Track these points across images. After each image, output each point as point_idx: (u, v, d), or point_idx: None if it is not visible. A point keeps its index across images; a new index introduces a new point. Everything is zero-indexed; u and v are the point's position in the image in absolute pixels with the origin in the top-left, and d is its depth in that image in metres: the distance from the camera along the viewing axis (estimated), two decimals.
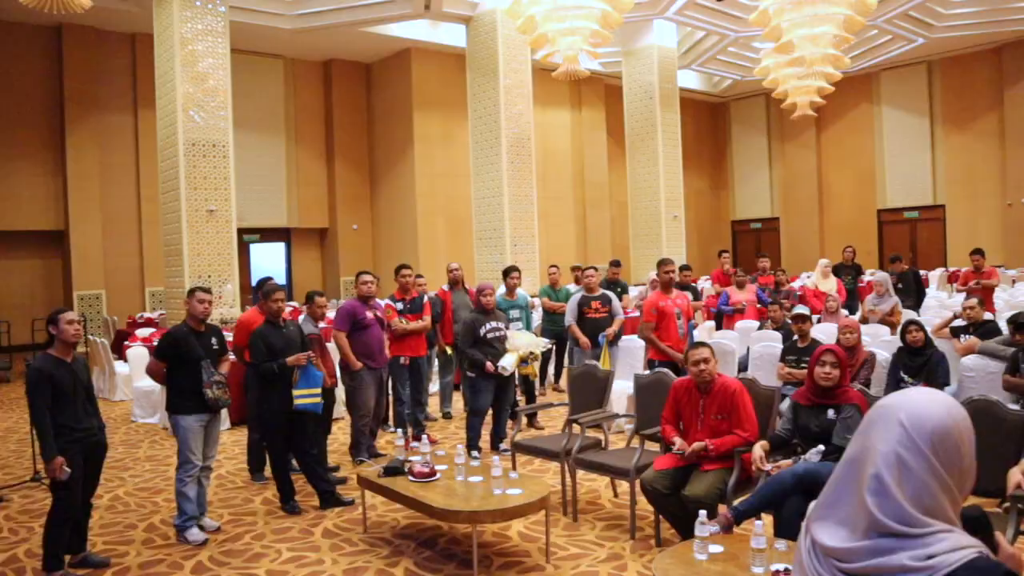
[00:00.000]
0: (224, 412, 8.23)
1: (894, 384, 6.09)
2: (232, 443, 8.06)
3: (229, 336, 6.68)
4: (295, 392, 5.71)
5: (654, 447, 5.26)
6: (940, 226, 22.89)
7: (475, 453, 6.26)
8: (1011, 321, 6.06)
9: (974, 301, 7.02)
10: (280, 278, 19.08)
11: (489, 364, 6.86)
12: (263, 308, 6.01)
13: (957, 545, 1.31)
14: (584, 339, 8.06)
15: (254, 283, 12.99)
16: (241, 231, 16.18)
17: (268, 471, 6.39)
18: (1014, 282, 15.07)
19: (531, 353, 7.15)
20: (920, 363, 6.06)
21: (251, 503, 6.12)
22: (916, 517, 1.33)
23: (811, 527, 1.46)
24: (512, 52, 14.96)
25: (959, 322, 7.13)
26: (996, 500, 4.01)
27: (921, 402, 1.40)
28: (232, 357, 6.53)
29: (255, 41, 16.87)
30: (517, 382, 7.96)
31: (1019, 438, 3.99)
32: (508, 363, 6.94)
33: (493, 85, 14.92)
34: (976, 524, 1.54)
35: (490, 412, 7.21)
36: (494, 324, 7.08)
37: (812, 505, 1.50)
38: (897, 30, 19.51)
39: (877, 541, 1.34)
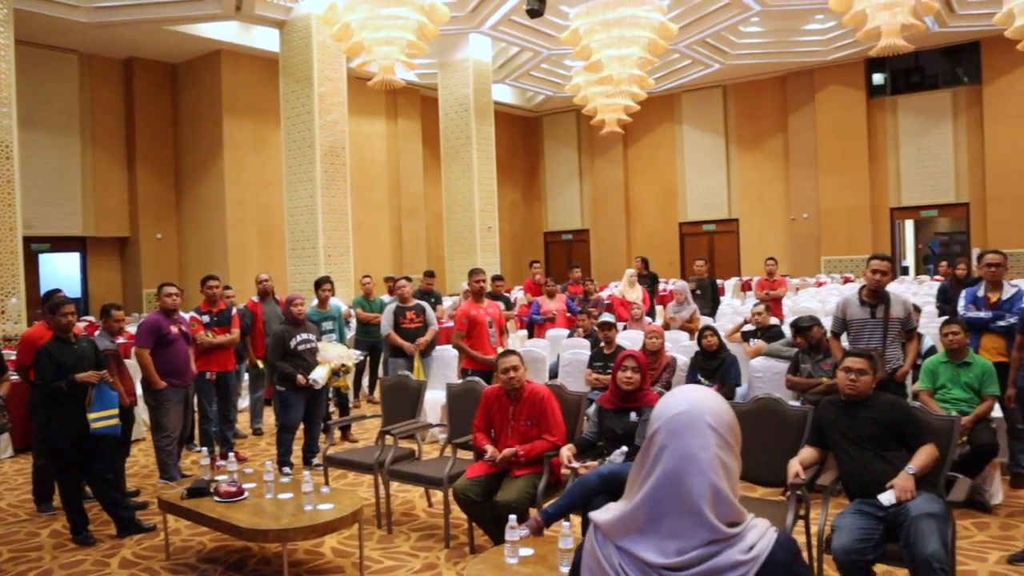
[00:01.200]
0: (6, 438, 7.58)
1: None
2: (15, 472, 7.39)
3: (12, 355, 6.14)
4: (90, 416, 5.29)
5: (467, 455, 5.31)
6: (735, 238, 24.67)
7: (286, 470, 6.09)
8: (793, 325, 6.61)
9: (761, 307, 7.62)
10: (74, 291, 17.73)
11: (300, 377, 6.70)
12: (50, 323, 5.58)
13: (764, 528, 1.42)
14: (407, 343, 7.98)
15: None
16: (29, 240, 14.89)
17: (57, 500, 5.91)
18: (797, 290, 16.41)
19: (343, 365, 7.04)
20: (715, 366, 6.48)
21: (36, 537, 5.62)
22: (740, 512, 1.42)
23: (622, 544, 1.46)
24: (327, 59, 14.70)
25: (749, 327, 7.69)
26: (780, 489, 4.33)
27: (713, 401, 1.48)
28: (15, 377, 6.02)
29: (46, 33, 15.62)
30: (331, 395, 7.82)
31: (799, 432, 4.33)
32: (319, 376, 6.80)
33: (307, 92, 14.60)
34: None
35: (302, 427, 7.04)
36: (305, 336, 6.93)
37: (611, 520, 1.49)
38: (696, 55, 20.88)
39: (709, 548, 1.39)
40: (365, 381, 10.06)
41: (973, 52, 21.24)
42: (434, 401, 7.50)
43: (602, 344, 7.08)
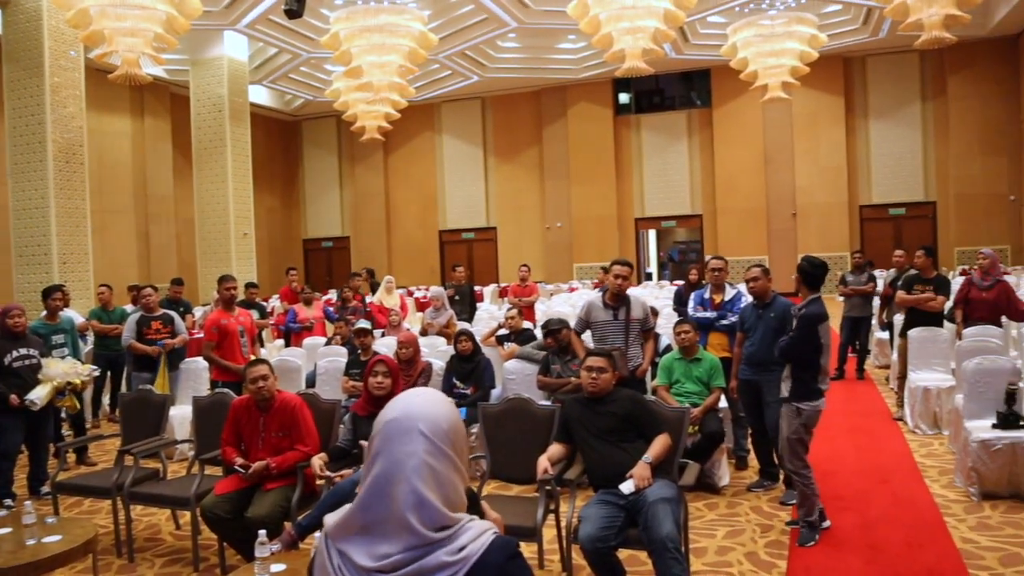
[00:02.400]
0: None
1: (448, 390, 6.58)
2: None
3: None
4: None
5: (218, 471, 5.06)
6: (493, 246, 25.45)
7: (8, 502, 5.50)
8: (544, 328, 6.91)
9: (514, 312, 7.92)
10: None
11: (13, 397, 6.02)
12: None
13: (480, 531, 1.44)
14: (151, 347, 7.47)
15: None
16: None
17: None
18: (552, 295, 17.16)
19: (69, 383, 6.39)
20: (470, 369, 6.63)
21: None
22: (450, 517, 1.43)
23: (341, 546, 1.47)
24: (61, 47, 13.40)
25: (503, 331, 7.95)
26: (533, 486, 4.49)
27: (430, 407, 1.49)
28: None
29: None
30: (65, 415, 7.16)
31: (548, 429, 4.53)
32: (38, 396, 6.10)
33: (37, 82, 13.24)
34: (468, 499, 1.72)
35: (27, 453, 6.38)
36: (24, 352, 6.25)
37: (335, 522, 1.50)
38: (456, 66, 21.34)
39: (418, 551, 1.41)
40: (105, 399, 9.31)
41: (705, 78, 23.39)
42: (183, 416, 7.11)
43: (359, 351, 7.02)
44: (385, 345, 7.84)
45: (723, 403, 6.14)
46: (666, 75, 23.36)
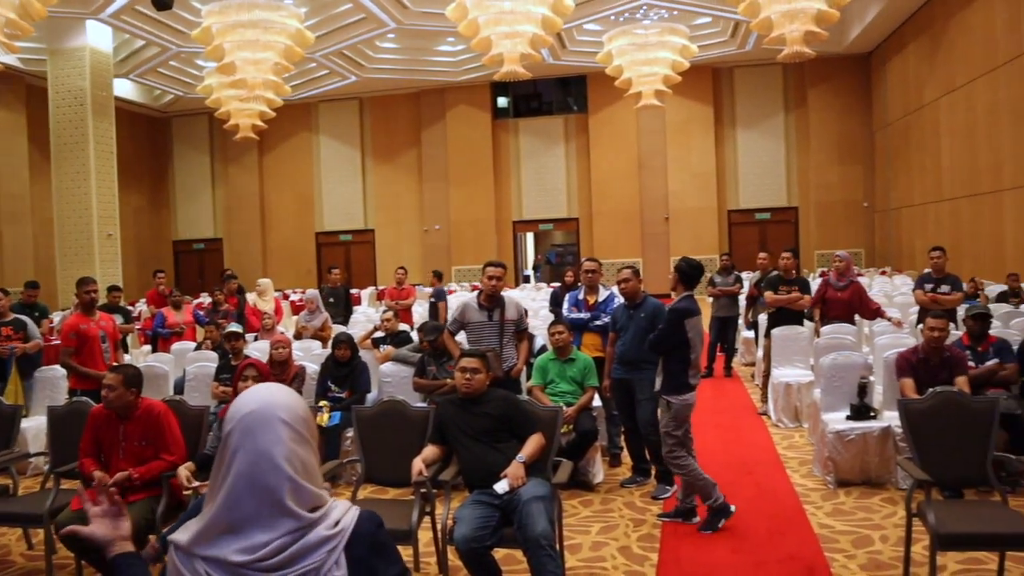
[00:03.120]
0: None
1: (323, 393, 6.46)
2: None
3: None
4: None
5: (75, 485, 4.78)
6: (371, 248, 25.16)
7: None
8: (420, 330, 6.87)
9: (390, 314, 7.84)
10: None
11: None
12: None
13: (346, 507, 1.52)
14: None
15: None
16: None
17: None
18: (429, 298, 17.09)
19: None
20: (345, 373, 6.52)
21: None
22: (321, 496, 1.49)
23: (205, 553, 1.45)
24: None
25: (379, 334, 7.86)
26: (409, 489, 4.43)
27: (283, 397, 1.53)
28: None
29: None
30: None
31: (423, 431, 4.50)
32: None
33: None
34: None
35: None
36: None
37: (191, 536, 1.47)
38: (333, 66, 20.99)
39: (292, 535, 1.44)
40: None
41: (581, 84, 23.86)
42: (38, 428, 6.70)
43: (230, 356, 6.80)
44: (258, 349, 7.62)
45: (597, 402, 6.27)
46: (544, 80, 23.69)
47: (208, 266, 25.32)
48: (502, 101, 24.57)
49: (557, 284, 11.84)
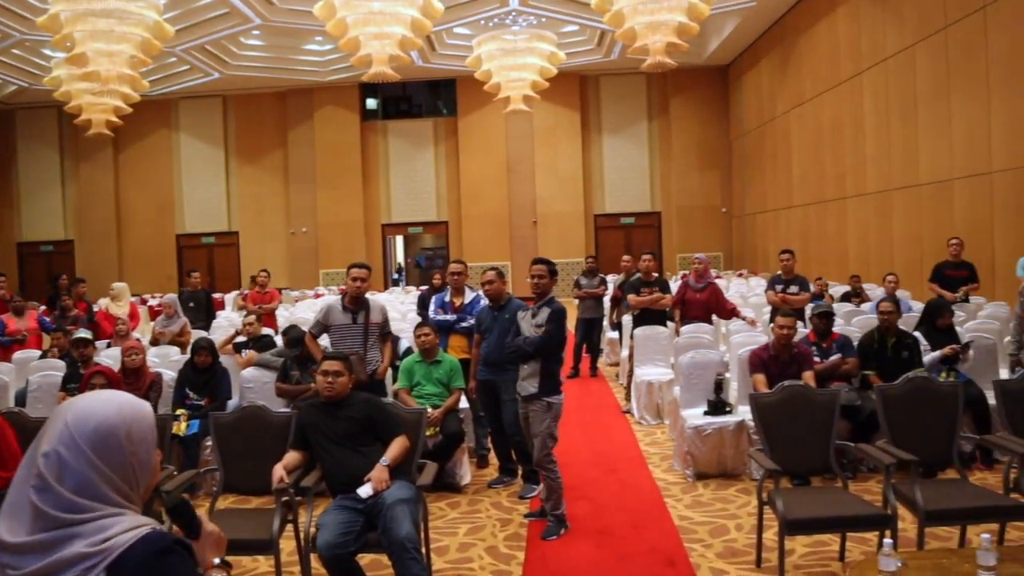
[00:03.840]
0: None
1: (180, 401, 6.20)
2: None
3: None
4: None
5: None
6: (235, 251, 24.34)
7: None
8: (283, 334, 6.71)
9: (252, 318, 7.62)
10: None
11: None
12: None
13: (133, 524, 1.41)
14: None
15: None
16: None
17: None
18: (296, 301, 16.73)
19: None
20: (205, 379, 6.28)
21: None
22: (81, 503, 1.39)
23: None
24: None
25: (241, 338, 7.62)
26: (271, 497, 4.29)
27: (90, 403, 1.49)
28: None
29: None
30: None
31: (285, 438, 4.37)
32: None
33: None
34: (180, 509, 1.65)
35: None
36: None
37: None
38: (194, 61, 20.20)
39: (51, 534, 1.38)
40: None
41: (451, 88, 23.89)
42: None
43: (79, 364, 6.44)
44: (110, 357, 7.25)
45: (464, 403, 6.28)
46: (414, 83, 23.59)
47: (58, 269, 23.78)
48: (371, 103, 24.30)
49: (425, 287, 11.80)
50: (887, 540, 2.98)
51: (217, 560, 1.63)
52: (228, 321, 11.19)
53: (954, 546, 4.27)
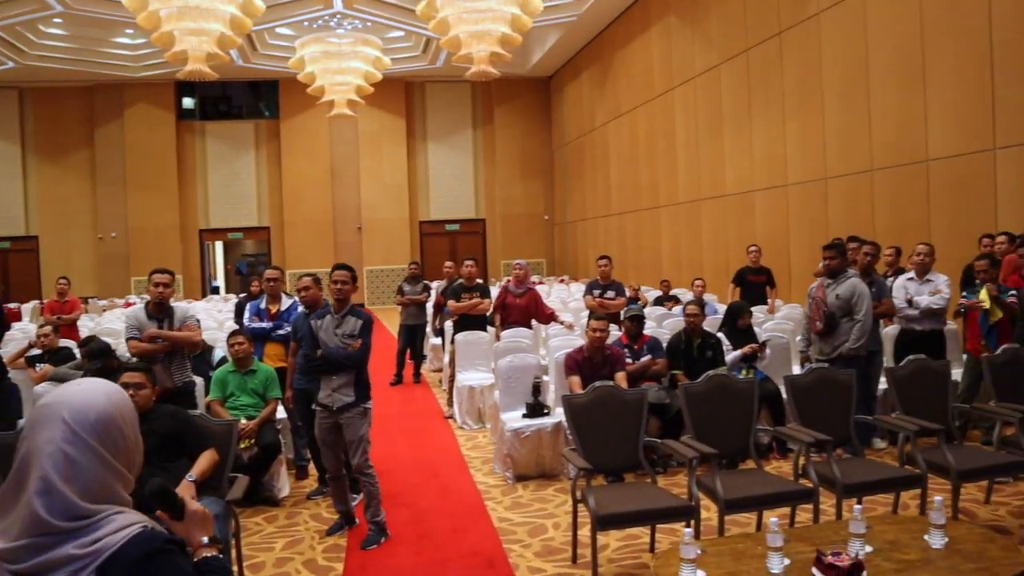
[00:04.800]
0: None
1: None
2: None
3: None
4: None
5: None
6: (34, 257, 22.46)
7: None
8: (82, 345, 6.27)
9: (48, 329, 7.06)
10: None
11: None
12: None
13: (124, 524, 1.39)
14: None
15: None
16: None
17: None
18: (104, 311, 15.70)
19: None
20: None
21: None
22: (85, 508, 1.38)
23: None
24: None
25: (36, 351, 7.05)
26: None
27: (80, 395, 1.47)
28: None
29: None
30: None
31: None
32: None
33: None
34: (160, 496, 1.60)
35: None
36: None
37: None
38: None
39: (45, 538, 1.36)
40: None
41: (273, 89, 23.22)
42: None
43: None
44: None
45: (281, 413, 6.10)
46: (234, 82, 22.75)
47: None
48: (188, 102, 23.20)
49: (243, 294, 11.38)
50: (687, 530, 3.14)
51: (206, 539, 1.61)
52: (23, 333, 10.33)
53: (752, 531, 4.56)
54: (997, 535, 3.44)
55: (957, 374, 6.58)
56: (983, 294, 6.05)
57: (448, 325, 9.36)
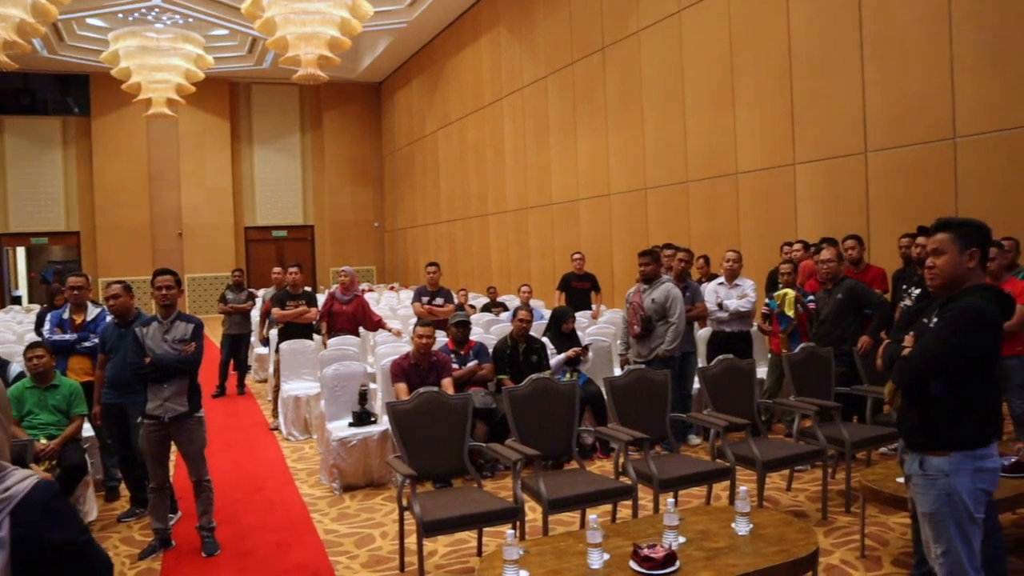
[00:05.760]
0: None
1: None
2: None
3: None
4: None
5: None
6: None
7: None
8: None
9: None
10: None
11: None
12: None
13: (25, 475, 1.53)
14: None
15: None
16: None
17: None
18: None
19: None
20: None
21: None
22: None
23: None
24: None
25: None
26: None
27: None
28: None
29: None
30: None
31: None
32: None
33: None
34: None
35: None
36: None
37: None
38: None
39: None
40: None
41: (83, 84, 21.75)
42: None
43: None
44: None
45: (88, 431, 5.71)
46: (37, 75, 21.16)
47: None
48: None
49: (46, 304, 10.59)
50: (509, 531, 3.19)
51: None
52: None
53: (575, 529, 4.69)
54: (795, 519, 3.72)
55: (763, 372, 7.09)
56: (788, 300, 6.52)
57: (273, 334, 9.09)
